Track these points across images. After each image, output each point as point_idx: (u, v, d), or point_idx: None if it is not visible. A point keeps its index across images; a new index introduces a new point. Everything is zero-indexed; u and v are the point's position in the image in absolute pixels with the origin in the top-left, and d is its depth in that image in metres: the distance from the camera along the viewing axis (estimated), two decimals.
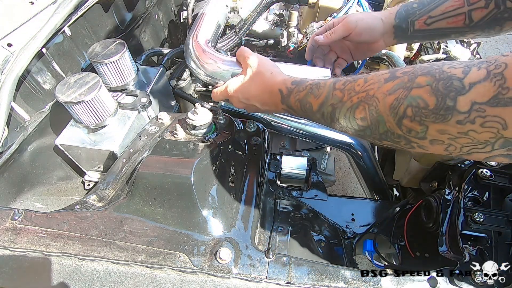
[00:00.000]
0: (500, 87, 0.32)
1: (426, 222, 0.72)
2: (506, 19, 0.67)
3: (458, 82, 0.35)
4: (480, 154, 0.37)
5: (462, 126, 0.35)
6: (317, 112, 0.54)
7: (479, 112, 0.34)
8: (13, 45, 0.68)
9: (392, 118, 0.41)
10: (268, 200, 0.77)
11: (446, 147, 0.39)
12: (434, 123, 0.37)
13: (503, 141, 0.34)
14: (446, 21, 0.71)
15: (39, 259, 0.54)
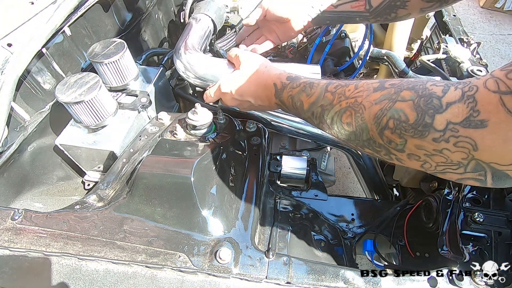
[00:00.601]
0: (472, 109, 0.33)
1: (426, 222, 0.72)
2: (398, 6, 0.73)
3: (437, 100, 0.37)
4: (453, 174, 0.38)
5: (438, 144, 0.36)
6: (307, 111, 0.55)
7: (453, 132, 0.35)
8: (13, 45, 0.68)
9: (375, 127, 0.42)
10: (268, 200, 0.77)
11: (422, 164, 0.40)
12: (413, 138, 0.38)
13: (475, 164, 0.35)
14: (350, 4, 0.78)
15: (39, 259, 0.54)
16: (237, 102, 0.69)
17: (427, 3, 0.70)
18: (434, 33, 1.36)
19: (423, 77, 0.99)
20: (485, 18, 3.39)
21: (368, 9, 0.77)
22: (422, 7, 0.72)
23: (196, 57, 0.83)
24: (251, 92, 0.66)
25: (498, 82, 0.32)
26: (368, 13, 0.78)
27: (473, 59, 1.01)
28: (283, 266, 0.54)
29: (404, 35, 1.18)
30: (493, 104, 0.32)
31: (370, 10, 0.77)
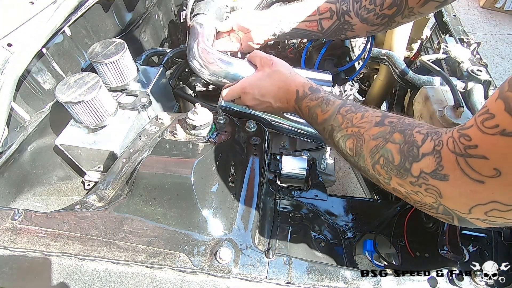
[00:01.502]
0: (438, 164, 0.39)
1: (426, 222, 0.72)
2: (346, 29, 0.82)
3: (416, 149, 0.42)
4: (429, 212, 0.44)
5: (413, 187, 0.42)
6: (320, 124, 0.62)
7: (424, 180, 0.41)
8: (13, 45, 0.68)
9: (370, 160, 0.49)
10: (268, 200, 0.77)
11: (404, 198, 0.47)
12: (396, 177, 0.45)
13: (443, 209, 0.41)
14: (305, 24, 0.85)
15: (39, 259, 0.54)
16: (256, 102, 0.75)
17: (372, 27, 0.79)
18: (434, 33, 1.36)
19: (423, 77, 0.99)
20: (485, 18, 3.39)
21: (320, 30, 0.84)
22: (368, 30, 0.80)
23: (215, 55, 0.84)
24: (273, 94, 0.72)
25: (454, 143, 0.38)
26: (321, 33, 0.85)
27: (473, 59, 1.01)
28: (283, 266, 0.54)
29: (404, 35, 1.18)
30: (452, 163, 0.37)
31: (322, 31, 0.84)
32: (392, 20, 0.75)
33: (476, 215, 0.37)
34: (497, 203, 0.34)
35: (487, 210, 0.36)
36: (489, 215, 0.36)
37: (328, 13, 0.81)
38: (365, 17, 0.77)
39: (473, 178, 0.35)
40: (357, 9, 0.77)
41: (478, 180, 0.35)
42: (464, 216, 0.39)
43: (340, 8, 0.79)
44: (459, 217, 0.40)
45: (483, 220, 0.38)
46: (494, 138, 0.33)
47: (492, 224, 0.38)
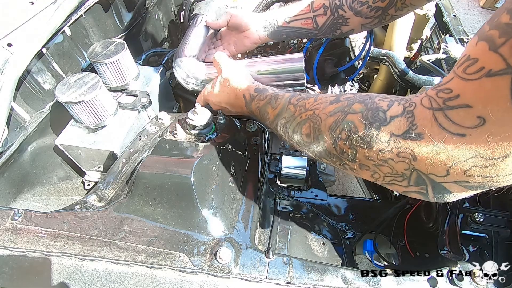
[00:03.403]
0: (411, 123, 0.36)
1: (426, 222, 0.72)
2: (341, 24, 0.81)
3: (382, 113, 0.39)
4: (399, 186, 0.41)
5: (383, 154, 0.39)
6: (273, 122, 0.59)
7: (395, 143, 0.37)
8: (13, 45, 0.68)
9: (330, 138, 0.45)
10: (268, 200, 0.77)
11: (372, 174, 0.42)
12: (362, 148, 0.40)
13: (416, 176, 0.37)
14: (300, 22, 0.85)
15: (39, 259, 0.54)
16: (218, 107, 0.76)
17: (366, 19, 0.78)
18: (434, 33, 1.36)
19: (423, 77, 0.99)
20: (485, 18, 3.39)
21: (315, 27, 0.84)
22: (362, 23, 0.80)
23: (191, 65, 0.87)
24: (226, 100, 0.73)
25: (431, 100, 0.35)
26: (316, 30, 0.85)
27: None
28: (283, 266, 0.54)
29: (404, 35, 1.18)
30: (428, 119, 0.35)
31: (318, 28, 0.84)
32: (385, 12, 0.76)
33: (454, 176, 0.34)
34: (478, 158, 0.32)
35: (467, 167, 0.33)
36: (468, 174, 0.33)
37: (322, 9, 0.82)
38: (358, 10, 0.78)
39: (453, 132, 0.33)
40: (350, 2, 0.78)
41: (459, 133, 0.32)
42: (441, 180, 0.36)
43: (333, 3, 0.80)
44: (434, 184, 0.37)
45: (460, 182, 0.35)
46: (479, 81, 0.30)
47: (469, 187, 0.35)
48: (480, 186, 0.35)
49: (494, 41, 0.29)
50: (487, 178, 0.33)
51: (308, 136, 0.49)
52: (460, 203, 0.64)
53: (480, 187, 0.35)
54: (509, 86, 0.28)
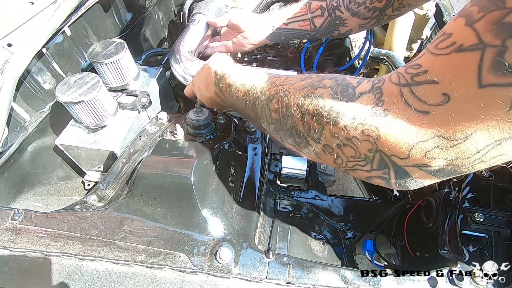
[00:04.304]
0: (378, 99, 0.35)
1: (426, 222, 0.72)
2: (338, 25, 0.81)
3: (352, 89, 0.38)
4: (362, 172, 0.40)
5: (348, 131, 0.37)
6: (242, 99, 0.56)
7: (361, 120, 0.36)
8: (13, 45, 0.68)
9: (298, 113, 0.43)
10: (268, 200, 0.77)
11: (335, 158, 0.41)
12: (328, 124, 0.39)
13: (379, 159, 0.36)
14: (297, 23, 0.86)
15: (39, 259, 0.54)
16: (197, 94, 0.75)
17: (363, 20, 0.79)
18: (434, 33, 1.36)
19: None
20: None
21: (313, 28, 0.85)
22: (360, 24, 0.80)
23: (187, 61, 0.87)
24: (200, 82, 0.72)
25: (399, 75, 0.34)
26: (314, 31, 0.86)
27: None
28: (283, 266, 0.54)
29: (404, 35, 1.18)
30: (394, 95, 0.34)
31: (316, 29, 0.85)
32: (383, 13, 0.76)
33: (415, 158, 0.33)
34: (439, 138, 0.31)
35: (429, 148, 0.32)
36: (429, 157, 0.32)
37: (319, 11, 0.82)
38: (356, 11, 0.77)
39: (417, 109, 0.31)
40: (347, 3, 0.78)
41: (423, 110, 0.31)
42: (402, 163, 0.34)
43: (330, 4, 0.80)
44: (396, 167, 0.36)
45: (421, 166, 0.33)
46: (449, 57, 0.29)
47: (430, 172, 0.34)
48: (441, 172, 0.34)
49: (472, 16, 0.27)
50: (448, 161, 0.32)
51: (276, 111, 0.47)
52: (460, 203, 0.64)
53: (441, 173, 0.34)
54: (477, 62, 0.26)
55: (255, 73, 0.57)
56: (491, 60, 0.26)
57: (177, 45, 0.91)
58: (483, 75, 0.26)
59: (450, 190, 0.68)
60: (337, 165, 0.42)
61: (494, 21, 0.25)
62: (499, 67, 0.25)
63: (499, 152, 0.29)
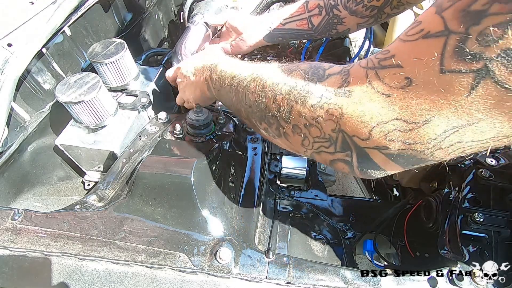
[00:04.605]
0: (344, 80, 0.36)
1: (426, 222, 0.72)
2: (336, 23, 0.81)
3: (322, 71, 0.40)
4: (327, 154, 0.40)
5: (314, 110, 0.38)
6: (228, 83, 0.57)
7: (327, 99, 0.37)
8: (13, 45, 0.68)
9: (271, 93, 0.44)
10: (268, 200, 0.77)
11: (303, 140, 0.42)
12: (296, 103, 0.40)
13: (342, 140, 0.37)
14: (295, 23, 0.85)
15: (39, 259, 0.54)
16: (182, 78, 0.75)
17: (361, 19, 0.78)
18: None
19: None
20: None
21: (311, 27, 0.84)
22: (358, 22, 0.80)
23: None
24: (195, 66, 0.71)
25: (368, 60, 0.35)
26: (312, 31, 0.85)
27: None
28: (283, 266, 0.54)
29: None
30: (360, 78, 0.35)
31: (313, 29, 0.84)
32: (381, 11, 0.75)
33: (376, 140, 0.34)
34: (399, 121, 0.31)
35: (389, 130, 0.32)
36: (389, 139, 0.33)
37: (316, 9, 0.81)
38: (354, 10, 0.77)
39: (380, 91, 0.32)
40: (345, 2, 0.77)
41: (385, 93, 0.32)
42: (363, 145, 0.35)
43: (328, 3, 0.80)
44: (357, 149, 0.36)
45: (381, 148, 0.34)
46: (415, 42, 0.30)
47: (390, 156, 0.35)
48: (401, 157, 0.34)
49: (442, 5, 0.28)
50: (407, 145, 0.32)
51: (253, 93, 0.49)
52: (460, 203, 0.64)
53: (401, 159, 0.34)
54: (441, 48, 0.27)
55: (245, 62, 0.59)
56: (453, 46, 0.26)
57: (179, 45, 0.91)
58: (445, 61, 0.27)
59: (450, 190, 0.68)
60: (304, 148, 0.43)
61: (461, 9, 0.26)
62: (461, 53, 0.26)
63: (456, 139, 0.30)
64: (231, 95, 0.56)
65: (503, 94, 0.25)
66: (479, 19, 0.25)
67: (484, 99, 0.26)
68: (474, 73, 0.26)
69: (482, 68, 0.25)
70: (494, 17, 0.24)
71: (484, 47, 0.25)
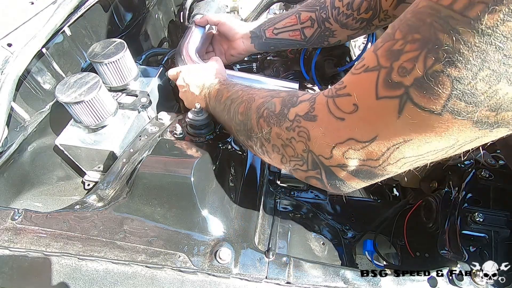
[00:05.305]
0: (311, 106, 0.42)
1: (426, 222, 0.72)
2: (328, 36, 0.85)
3: (296, 98, 0.46)
4: (301, 172, 0.46)
5: (288, 132, 0.44)
6: (222, 103, 0.63)
7: (297, 122, 0.43)
8: (13, 45, 0.68)
9: (255, 115, 0.51)
10: (268, 200, 0.77)
11: (281, 158, 0.48)
12: (275, 126, 0.47)
13: (312, 159, 0.42)
14: (287, 33, 0.87)
15: (39, 259, 0.54)
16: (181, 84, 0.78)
17: (352, 31, 0.82)
18: None
19: None
20: None
21: (303, 38, 0.87)
22: (348, 34, 0.83)
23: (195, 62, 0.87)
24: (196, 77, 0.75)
25: (329, 90, 0.41)
26: (305, 42, 0.88)
27: None
28: (283, 266, 0.54)
29: None
30: (322, 104, 0.40)
31: (306, 40, 0.87)
32: (370, 23, 0.78)
33: (336, 158, 0.39)
34: (353, 140, 0.37)
35: (345, 149, 0.38)
36: (346, 157, 0.38)
37: (309, 22, 0.83)
38: (344, 22, 0.80)
39: (336, 116, 0.38)
40: (335, 15, 0.80)
41: (340, 117, 0.38)
42: (328, 163, 0.41)
43: (319, 16, 0.82)
44: (324, 167, 0.42)
45: (342, 166, 0.39)
46: (359, 75, 0.36)
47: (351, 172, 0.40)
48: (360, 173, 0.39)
49: (377, 45, 0.34)
50: (361, 161, 0.38)
51: (242, 114, 0.55)
52: (460, 203, 0.64)
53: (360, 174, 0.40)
54: (375, 79, 0.33)
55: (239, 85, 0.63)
56: (383, 77, 0.32)
57: (181, 46, 0.91)
58: (379, 90, 0.33)
59: (450, 190, 0.68)
60: (284, 165, 0.49)
61: (387, 49, 0.32)
62: (388, 83, 0.32)
63: (400, 155, 0.35)
64: (224, 113, 0.62)
65: (424, 115, 0.30)
66: (398, 56, 0.31)
67: (411, 120, 0.31)
68: (398, 98, 0.31)
69: (403, 94, 0.30)
70: (407, 54, 0.30)
71: (403, 77, 0.30)
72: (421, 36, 0.28)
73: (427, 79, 0.28)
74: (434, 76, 0.27)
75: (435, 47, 0.27)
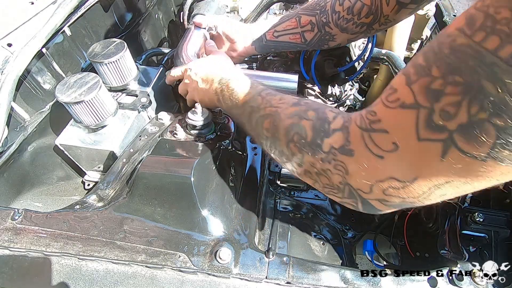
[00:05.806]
0: (346, 139, 0.39)
1: (426, 222, 0.72)
2: (328, 40, 0.83)
3: (327, 125, 0.43)
4: (336, 197, 0.44)
5: (323, 164, 0.42)
6: (240, 107, 0.60)
7: (333, 155, 0.41)
8: (13, 45, 0.68)
9: (284, 138, 0.48)
10: (268, 200, 0.77)
11: (314, 182, 0.46)
12: (307, 155, 0.44)
13: (349, 190, 0.41)
14: (288, 36, 0.86)
15: (39, 259, 0.54)
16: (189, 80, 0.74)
17: (352, 35, 0.81)
18: (434, 33, 1.36)
19: None
20: None
21: (304, 41, 0.85)
22: (348, 38, 0.82)
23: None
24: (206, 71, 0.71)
25: (361, 119, 0.38)
26: (305, 45, 0.86)
27: None
28: (283, 266, 0.54)
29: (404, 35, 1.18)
30: (357, 138, 0.38)
31: (306, 43, 0.86)
32: (370, 27, 0.78)
33: (376, 194, 0.38)
34: (393, 180, 0.35)
35: (385, 187, 0.36)
36: (386, 194, 0.37)
37: (309, 25, 0.83)
38: (344, 27, 0.79)
39: (375, 153, 0.36)
40: (336, 20, 0.79)
41: (379, 155, 0.36)
42: (366, 197, 0.39)
43: (320, 20, 0.82)
44: (362, 199, 0.41)
45: (382, 200, 0.38)
46: (395, 111, 0.34)
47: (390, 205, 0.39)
48: (399, 205, 0.38)
49: (410, 77, 0.32)
50: (401, 199, 0.37)
51: (268, 130, 0.52)
52: (460, 203, 0.64)
53: (400, 206, 0.39)
54: (415, 119, 0.31)
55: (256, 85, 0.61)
56: (424, 118, 0.31)
57: (181, 46, 0.90)
58: (420, 131, 0.31)
59: None
60: (316, 188, 0.47)
61: (425, 86, 0.30)
62: (430, 125, 0.30)
63: (441, 193, 0.34)
64: (243, 119, 0.60)
65: (467, 160, 0.29)
66: (439, 97, 0.29)
67: (454, 164, 0.30)
68: (442, 142, 0.30)
69: (448, 138, 0.29)
70: (449, 98, 0.28)
71: (446, 121, 0.29)
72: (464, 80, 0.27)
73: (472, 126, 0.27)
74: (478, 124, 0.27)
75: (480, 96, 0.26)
